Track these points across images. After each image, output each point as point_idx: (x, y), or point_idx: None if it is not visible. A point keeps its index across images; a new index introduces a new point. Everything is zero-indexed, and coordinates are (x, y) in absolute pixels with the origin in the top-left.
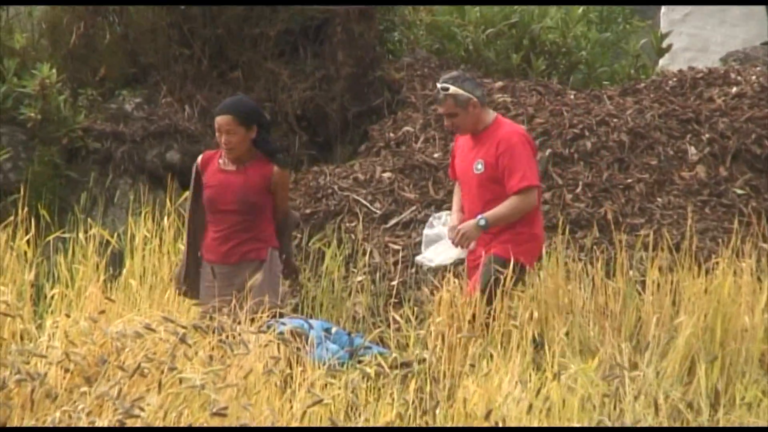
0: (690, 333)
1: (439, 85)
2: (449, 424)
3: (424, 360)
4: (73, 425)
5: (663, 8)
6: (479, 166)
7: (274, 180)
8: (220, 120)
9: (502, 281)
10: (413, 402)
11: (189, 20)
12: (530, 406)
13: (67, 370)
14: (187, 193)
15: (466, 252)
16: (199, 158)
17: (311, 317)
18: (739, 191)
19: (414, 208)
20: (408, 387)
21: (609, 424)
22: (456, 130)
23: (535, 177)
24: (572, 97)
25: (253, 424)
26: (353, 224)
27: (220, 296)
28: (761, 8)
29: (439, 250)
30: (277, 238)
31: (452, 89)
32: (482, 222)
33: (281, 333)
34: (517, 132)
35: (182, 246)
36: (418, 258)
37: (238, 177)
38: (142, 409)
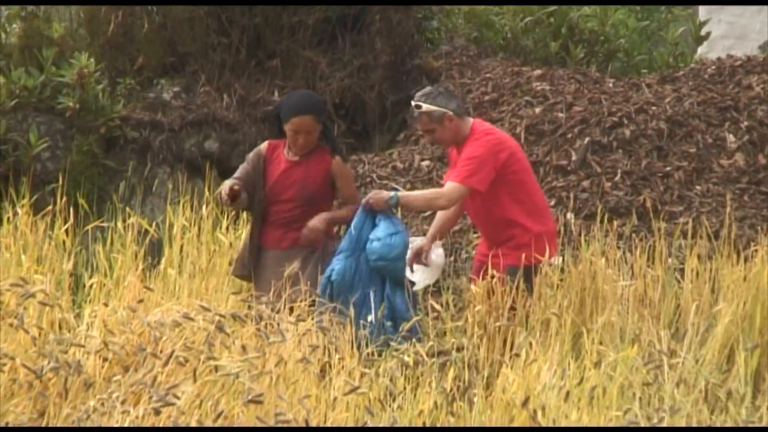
0: (729, 321)
1: (412, 103)
2: (488, 413)
3: (463, 348)
4: (107, 413)
5: None
6: None
7: (333, 171)
8: (302, 121)
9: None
10: (451, 390)
11: (227, 9)
12: (568, 394)
13: (105, 360)
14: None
15: (435, 275)
16: (265, 146)
17: (349, 306)
18: None
19: None
20: (446, 375)
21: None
22: (438, 144)
23: (471, 179)
24: (611, 85)
25: (289, 414)
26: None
27: (271, 281)
28: None
29: (417, 275)
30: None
31: (425, 106)
32: (392, 200)
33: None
34: (477, 137)
35: (221, 235)
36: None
37: (299, 168)
38: (177, 397)
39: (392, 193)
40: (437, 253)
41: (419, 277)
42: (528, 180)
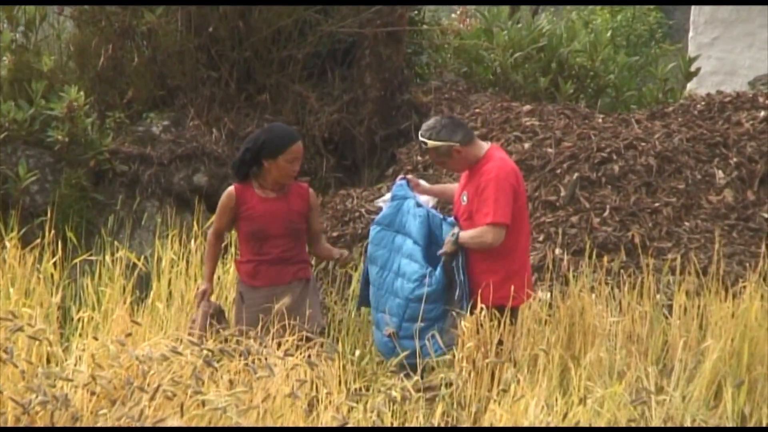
0: (717, 357)
1: (420, 138)
2: None
3: (451, 384)
4: None
5: (691, 32)
6: (464, 198)
7: (311, 201)
8: (299, 147)
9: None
10: (439, 426)
11: (217, 43)
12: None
13: (93, 393)
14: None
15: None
16: (233, 191)
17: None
18: (767, 215)
19: None
20: (434, 411)
21: None
22: (452, 171)
23: (501, 215)
24: (600, 120)
25: None
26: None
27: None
28: None
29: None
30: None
31: (430, 143)
32: (453, 237)
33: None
34: (497, 167)
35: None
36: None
37: (280, 203)
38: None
39: (455, 231)
40: (424, 200)
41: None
42: (518, 218)
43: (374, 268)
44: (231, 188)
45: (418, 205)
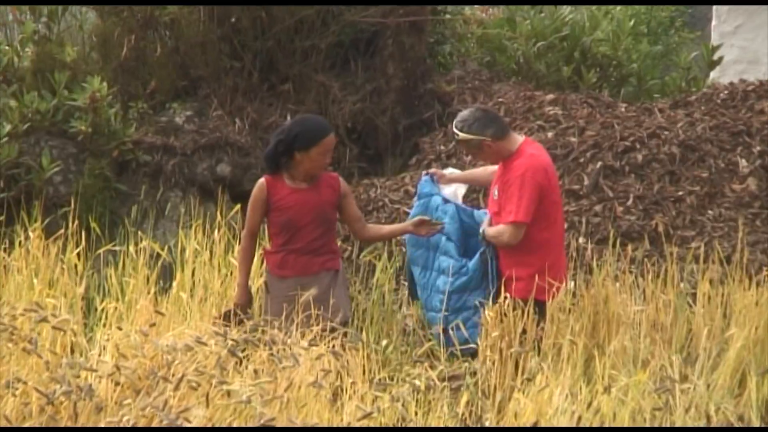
0: (741, 345)
1: (453, 129)
2: None
3: (475, 373)
4: None
5: (714, 21)
6: (495, 193)
7: (342, 189)
8: (331, 139)
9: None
10: (463, 415)
11: (239, 33)
12: (580, 419)
13: (117, 383)
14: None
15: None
16: (264, 183)
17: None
18: None
19: None
20: (459, 400)
21: None
22: (485, 162)
23: (521, 215)
24: (623, 109)
25: None
26: (404, 237)
27: (295, 306)
28: None
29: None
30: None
31: (462, 135)
32: (481, 234)
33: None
34: (525, 164)
35: (233, 259)
36: None
37: (311, 194)
38: (188, 421)
39: (482, 229)
40: (450, 191)
41: None
42: (551, 212)
43: (417, 269)
44: (262, 180)
45: (445, 200)
